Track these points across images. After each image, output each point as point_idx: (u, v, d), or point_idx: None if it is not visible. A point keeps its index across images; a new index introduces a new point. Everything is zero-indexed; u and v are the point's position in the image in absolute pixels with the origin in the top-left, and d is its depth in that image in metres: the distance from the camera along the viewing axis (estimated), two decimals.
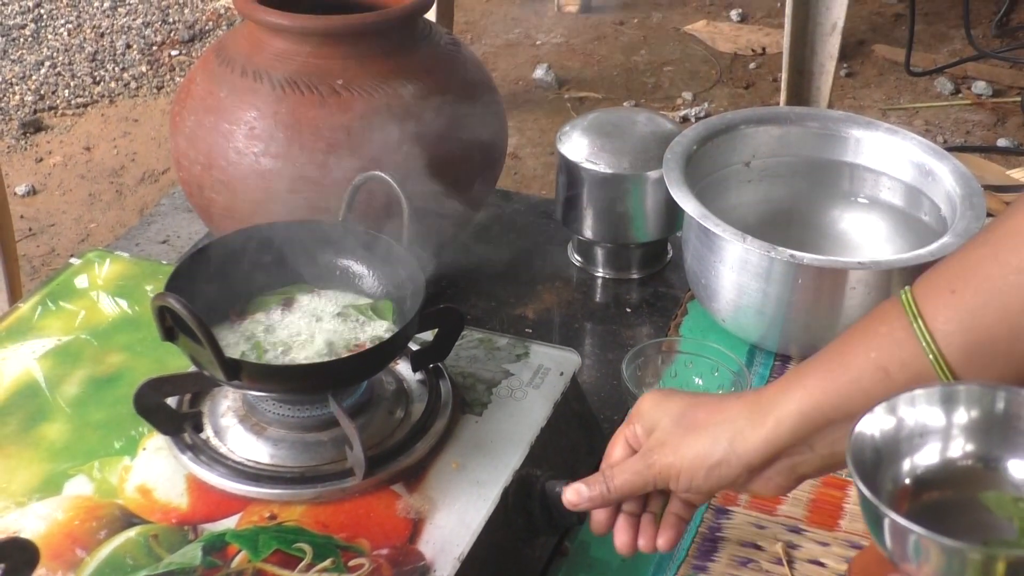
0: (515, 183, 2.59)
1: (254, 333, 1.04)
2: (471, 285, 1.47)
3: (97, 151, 2.82)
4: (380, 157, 1.25)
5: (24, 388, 1.11)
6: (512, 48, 3.29)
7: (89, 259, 1.29)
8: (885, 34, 3.27)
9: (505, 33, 3.38)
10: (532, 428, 1.06)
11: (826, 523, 1.09)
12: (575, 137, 1.45)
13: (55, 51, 3.27)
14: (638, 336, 1.39)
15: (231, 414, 1.04)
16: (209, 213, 1.34)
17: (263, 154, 1.26)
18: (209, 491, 0.99)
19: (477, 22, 3.43)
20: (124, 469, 1.01)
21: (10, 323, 1.20)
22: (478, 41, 3.29)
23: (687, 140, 1.38)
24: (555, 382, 1.12)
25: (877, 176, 1.40)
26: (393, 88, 1.28)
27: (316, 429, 1.02)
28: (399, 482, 0.99)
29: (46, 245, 2.47)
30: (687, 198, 1.28)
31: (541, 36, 3.35)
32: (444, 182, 1.31)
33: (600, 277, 1.49)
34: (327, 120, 1.25)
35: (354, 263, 1.11)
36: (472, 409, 1.08)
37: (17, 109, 2.99)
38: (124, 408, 1.06)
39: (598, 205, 1.43)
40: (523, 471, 1.02)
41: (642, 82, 3.10)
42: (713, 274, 1.28)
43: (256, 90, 1.27)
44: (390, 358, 1.04)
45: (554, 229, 1.57)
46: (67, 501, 0.98)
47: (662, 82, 3.09)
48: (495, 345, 1.16)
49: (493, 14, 3.48)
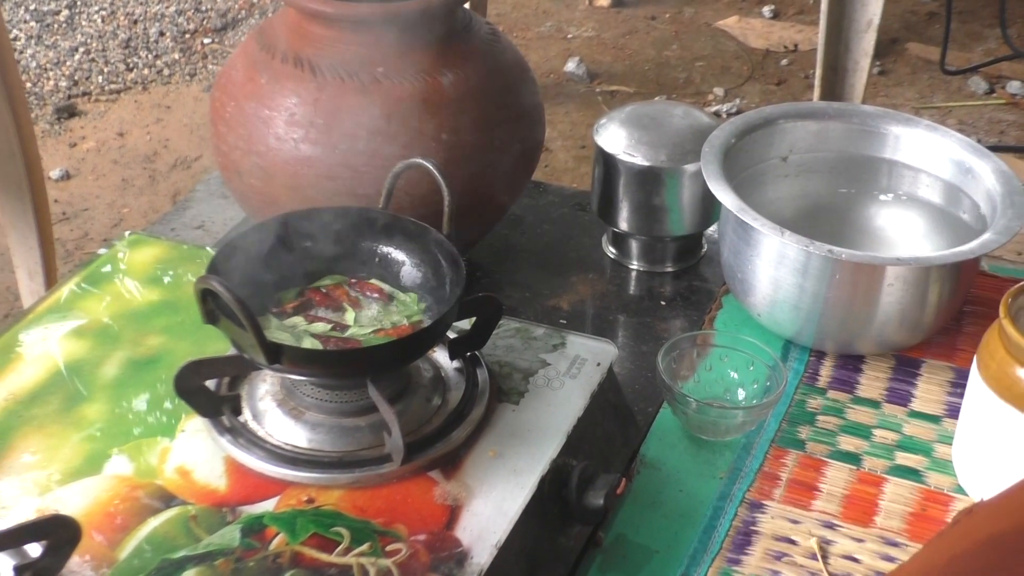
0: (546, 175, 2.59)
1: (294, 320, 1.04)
2: (506, 275, 1.47)
3: (130, 137, 2.84)
4: (419, 145, 1.25)
5: (64, 369, 1.12)
6: (543, 41, 3.29)
7: (128, 242, 1.30)
8: (919, 32, 3.26)
9: (536, 26, 3.38)
10: (569, 418, 1.06)
11: (861, 519, 1.09)
12: (612, 129, 1.45)
13: (89, 37, 3.29)
14: (672, 329, 1.39)
15: (269, 398, 1.05)
16: (248, 199, 1.35)
17: (303, 140, 1.26)
18: (247, 473, 0.99)
19: (508, 14, 3.43)
20: (163, 450, 1.02)
21: (50, 304, 1.21)
22: (509, 33, 3.29)
23: (725, 134, 1.38)
24: (592, 373, 1.12)
25: (916, 173, 1.39)
26: (433, 77, 1.28)
27: (354, 414, 1.02)
28: (436, 469, 1.00)
29: (79, 229, 2.49)
30: (725, 191, 1.28)
31: (572, 29, 3.35)
32: (482, 172, 1.31)
33: (634, 270, 1.49)
34: (367, 108, 1.25)
35: (394, 250, 1.11)
36: (509, 398, 1.08)
37: (52, 94, 3.01)
38: (163, 390, 1.07)
39: (634, 197, 1.43)
40: (559, 460, 1.02)
41: (673, 77, 3.09)
42: (749, 268, 1.28)
43: (297, 77, 1.28)
44: (429, 345, 1.04)
45: (588, 221, 1.57)
46: (107, 480, 0.99)
47: (693, 77, 3.09)
48: (532, 335, 1.16)
49: (524, 7, 3.48)
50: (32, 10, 3.39)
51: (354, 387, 1.01)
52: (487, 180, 1.33)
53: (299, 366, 0.98)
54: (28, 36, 3.28)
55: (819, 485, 1.13)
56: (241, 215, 1.62)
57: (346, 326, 1.05)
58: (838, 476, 1.14)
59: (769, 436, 1.18)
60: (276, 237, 1.09)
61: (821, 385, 1.26)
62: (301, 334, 1.03)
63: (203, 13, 3.43)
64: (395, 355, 1.00)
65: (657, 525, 1.08)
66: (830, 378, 1.26)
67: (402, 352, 1.00)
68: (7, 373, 1.11)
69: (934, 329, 1.28)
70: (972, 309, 1.35)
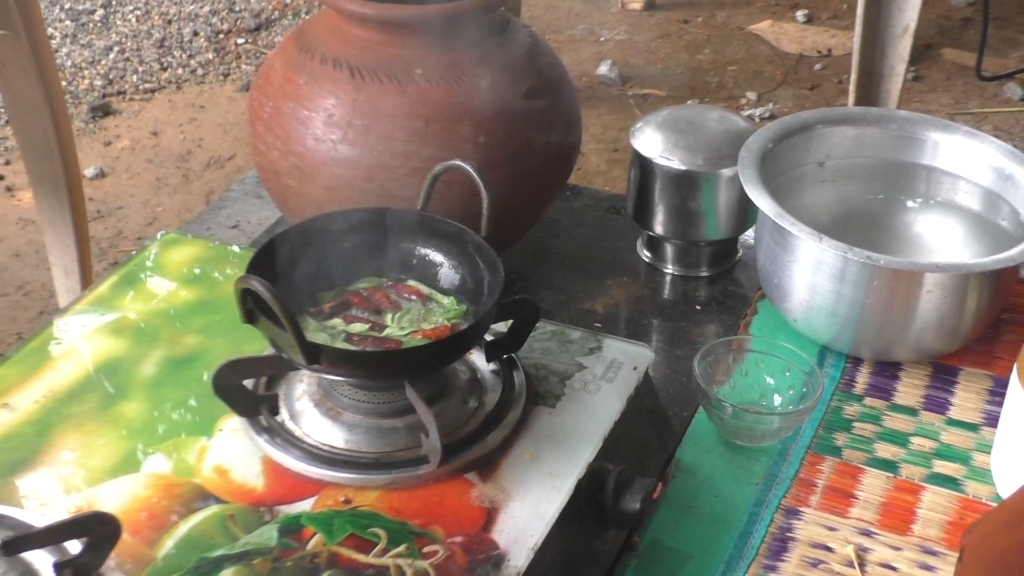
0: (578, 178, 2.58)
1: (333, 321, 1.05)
2: (540, 278, 1.47)
3: (164, 136, 2.85)
4: (456, 147, 1.25)
5: (102, 367, 1.12)
6: (575, 44, 3.28)
7: (164, 241, 1.30)
8: (953, 38, 3.24)
9: (568, 28, 3.38)
10: (605, 421, 1.06)
11: (898, 527, 1.08)
12: (648, 132, 1.44)
13: (124, 37, 3.31)
14: (707, 334, 1.39)
15: (306, 398, 1.05)
16: (285, 199, 1.35)
17: (341, 141, 1.27)
18: (285, 473, 0.99)
19: (540, 17, 3.43)
20: (201, 449, 1.02)
21: (87, 302, 1.21)
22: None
23: (762, 138, 1.37)
24: (628, 376, 1.11)
25: (954, 180, 1.39)
26: (471, 79, 1.28)
27: (391, 416, 1.02)
28: (473, 471, 0.99)
29: (113, 227, 2.50)
30: (762, 196, 1.28)
31: (605, 32, 3.35)
32: (519, 174, 1.31)
33: (669, 274, 1.49)
34: (405, 109, 1.26)
35: (432, 252, 1.11)
36: (545, 401, 1.08)
37: (87, 93, 3.03)
38: (201, 389, 1.07)
39: (670, 201, 1.43)
40: (596, 464, 1.02)
41: (706, 81, 3.08)
42: (786, 273, 1.27)
43: (335, 78, 1.28)
44: (468, 347, 1.04)
45: (623, 224, 1.57)
46: (146, 478, 0.99)
47: (726, 81, 3.08)
48: (568, 338, 1.16)
49: (557, 9, 3.48)
50: (67, 9, 3.41)
51: (392, 388, 1.01)
52: (524, 183, 1.33)
53: (338, 366, 0.98)
54: (63, 35, 3.30)
55: (856, 492, 1.12)
56: (276, 215, 1.62)
57: (384, 326, 1.05)
58: (875, 483, 1.13)
59: (805, 442, 1.18)
60: (314, 238, 1.09)
61: (858, 392, 1.25)
62: (339, 335, 1.03)
63: (237, 13, 3.44)
64: (434, 357, 1.00)
65: (692, 530, 1.08)
66: (867, 385, 1.26)
67: (441, 354, 1.00)
68: (45, 371, 1.12)
69: (972, 337, 1.27)
70: (1010, 317, 1.34)
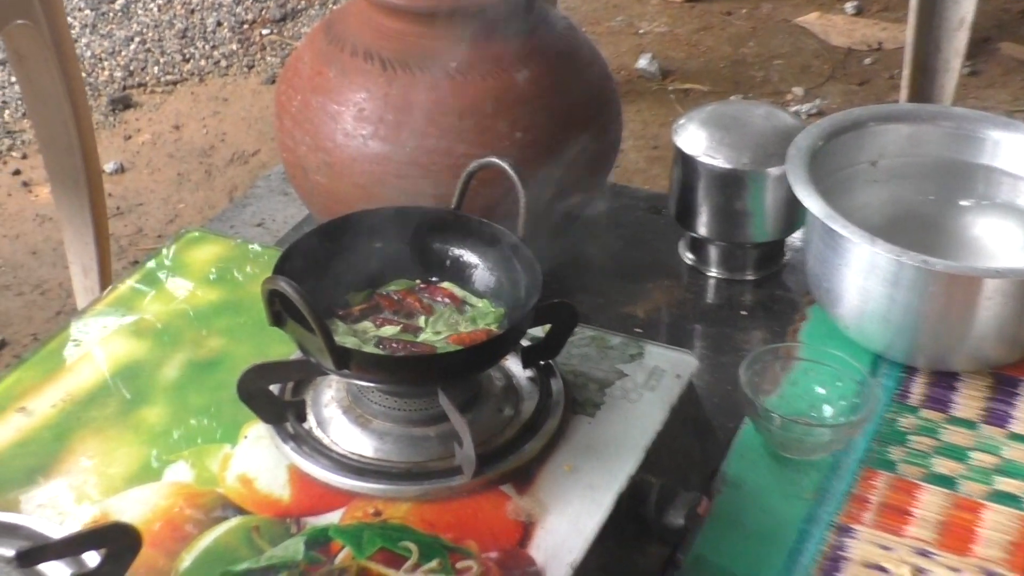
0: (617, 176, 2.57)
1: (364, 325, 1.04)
2: (577, 281, 1.46)
3: (186, 130, 2.86)
4: (492, 143, 1.25)
5: (123, 370, 1.12)
6: (614, 36, 3.27)
7: (186, 239, 1.30)
8: (1012, 31, 3.20)
9: (607, 20, 3.36)
10: (647, 432, 1.04)
11: (958, 548, 1.06)
12: (692, 129, 1.43)
13: (145, 27, 3.32)
14: (752, 340, 1.37)
15: (334, 404, 1.04)
16: (312, 196, 1.35)
17: (371, 137, 1.26)
18: (312, 483, 0.99)
19: (578, 8, 3.42)
20: (225, 457, 1.02)
21: (107, 303, 1.21)
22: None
23: (811, 136, 1.36)
24: (671, 385, 1.10)
25: (1015, 180, 1.36)
26: (508, 72, 1.27)
27: (423, 424, 1.01)
28: (509, 483, 0.98)
29: (133, 224, 2.51)
30: (812, 197, 1.26)
31: (644, 24, 3.33)
32: (557, 172, 1.30)
33: (713, 277, 1.48)
34: (439, 103, 1.25)
35: (466, 253, 1.10)
36: (584, 409, 1.07)
37: (106, 85, 3.04)
38: (224, 394, 1.06)
39: (714, 201, 1.42)
40: (638, 477, 1.01)
41: (750, 75, 3.06)
42: (837, 278, 1.26)
43: (366, 71, 1.27)
44: (504, 352, 1.03)
45: (664, 225, 1.56)
46: (167, 487, 0.99)
47: (771, 76, 3.06)
48: (608, 344, 1.15)
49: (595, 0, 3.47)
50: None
51: (424, 395, 1.01)
52: (562, 181, 1.31)
53: (368, 372, 0.97)
54: (83, 25, 3.31)
55: (912, 510, 1.10)
56: (303, 213, 1.62)
57: (416, 329, 1.04)
58: (933, 501, 1.11)
59: (858, 456, 1.16)
60: (343, 237, 1.08)
61: (913, 403, 1.23)
62: (369, 339, 1.02)
63: (262, 3, 3.44)
64: (469, 362, 0.99)
65: (739, 547, 1.07)
66: (923, 396, 1.24)
67: (477, 359, 0.99)
68: (64, 373, 1.11)
69: None
70: None
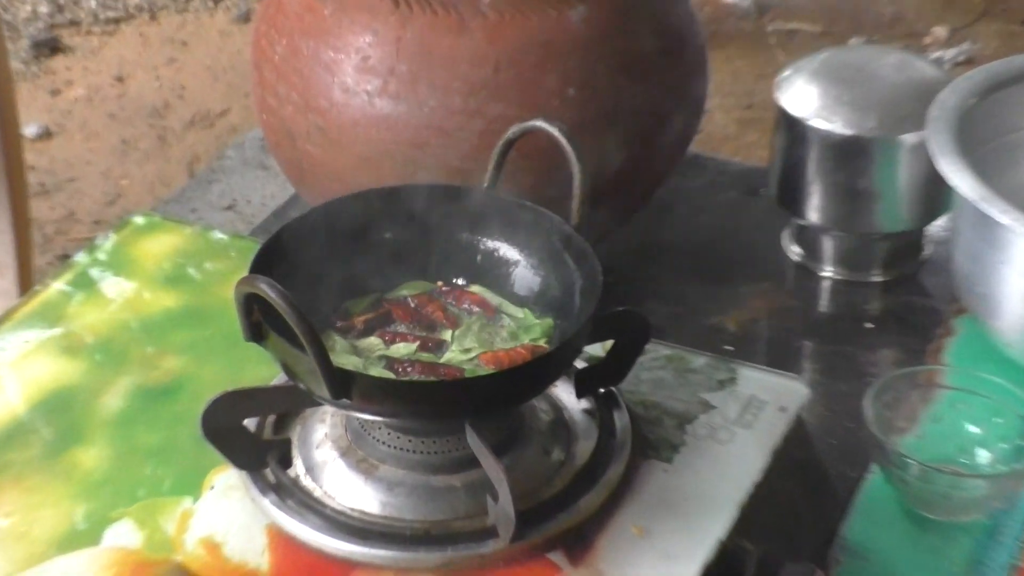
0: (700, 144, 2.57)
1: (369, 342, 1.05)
2: (648, 282, 1.48)
3: (132, 82, 2.88)
4: (538, 103, 1.26)
5: (52, 399, 1.13)
6: None
7: (133, 227, 1.32)
8: None
9: None
10: (742, 484, 1.05)
11: None
12: (799, 84, 1.45)
13: None
14: (882, 362, 1.38)
15: (329, 445, 1.05)
16: (301, 170, 1.36)
17: (379, 94, 1.27)
18: (299, 550, 0.99)
19: None
20: (184, 514, 1.03)
21: (30, 311, 1.23)
22: None
23: (960, 93, 1.36)
24: (773, 421, 1.11)
25: None
26: (558, 10, 1.28)
27: (446, 470, 1.02)
28: (558, 549, 0.99)
29: (62, 207, 2.53)
30: (961, 173, 1.26)
31: None
32: (623, 140, 1.31)
33: (828, 278, 1.49)
34: (468, 51, 1.26)
35: (503, 246, 1.11)
36: (658, 453, 1.07)
37: (28, 23, 3.07)
38: (183, 430, 1.08)
39: (830, 179, 1.43)
40: (729, 543, 1.01)
41: (876, 12, 3.07)
42: (995, 280, 1.26)
43: (373, 8, 1.28)
44: (552, 377, 1.03)
45: (763, 209, 1.57)
46: (107, 555, 1.00)
47: (904, 12, 3.06)
48: (689, 366, 1.16)
49: None
50: None
51: (448, 432, 1.01)
52: (630, 151, 1.32)
53: (375, 402, 0.98)
54: None
55: None
56: (288, 193, 1.63)
57: (439, 344, 1.05)
58: None
59: None
60: (342, 226, 1.09)
61: None
62: (376, 359, 1.03)
63: None
64: (507, 390, 0.99)
65: None
66: None
67: (516, 386, 1.00)
68: None
69: None
70: None
